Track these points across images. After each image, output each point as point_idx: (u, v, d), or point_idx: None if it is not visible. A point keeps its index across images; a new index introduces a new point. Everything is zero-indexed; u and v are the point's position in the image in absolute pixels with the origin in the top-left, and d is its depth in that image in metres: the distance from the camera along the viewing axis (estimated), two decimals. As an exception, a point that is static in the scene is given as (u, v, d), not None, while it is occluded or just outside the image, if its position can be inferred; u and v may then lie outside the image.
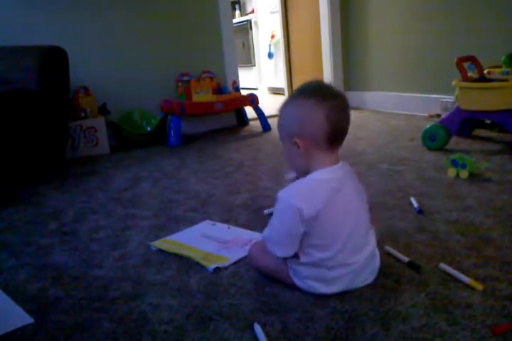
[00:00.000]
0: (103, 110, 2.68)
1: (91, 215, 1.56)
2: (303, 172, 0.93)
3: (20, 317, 0.94)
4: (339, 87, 3.66)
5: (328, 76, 3.72)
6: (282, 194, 0.90)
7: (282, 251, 0.92)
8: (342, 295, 0.92)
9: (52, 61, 2.06)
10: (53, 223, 1.51)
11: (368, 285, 0.95)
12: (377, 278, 0.98)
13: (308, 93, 0.90)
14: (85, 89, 2.59)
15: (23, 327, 0.91)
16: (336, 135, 0.88)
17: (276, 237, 0.92)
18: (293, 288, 0.96)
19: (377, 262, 0.98)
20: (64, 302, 1.00)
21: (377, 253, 0.99)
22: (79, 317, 0.93)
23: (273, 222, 0.93)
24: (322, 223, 0.87)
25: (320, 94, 0.88)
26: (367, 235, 0.95)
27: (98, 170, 2.22)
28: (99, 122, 2.59)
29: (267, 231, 0.95)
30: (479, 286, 0.91)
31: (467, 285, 0.92)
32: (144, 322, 0.89)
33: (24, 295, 1.04)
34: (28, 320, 0.93)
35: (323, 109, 0.86)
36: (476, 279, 0.93)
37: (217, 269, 1.08)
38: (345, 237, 0.89)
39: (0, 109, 1.86)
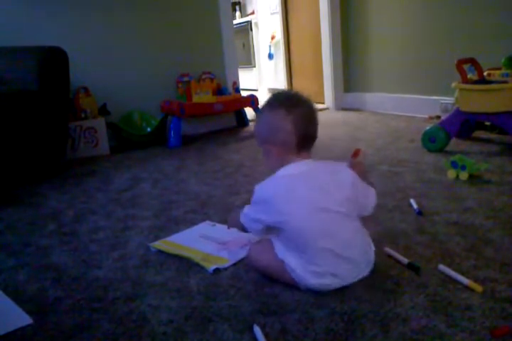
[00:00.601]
0: (103, 111, 2.68)
1: (91, 216, 1.56)
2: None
3: (19, 318, 0.94)
4: (339, 88, 3.68)
5: (328, 77, 3.72)
6: (257, 187, 0.99)
7: (251, 229, 1.01)
8: (341, 296, 0.93)
9: (53, 61, 2.06)
10: (53, 223, 1.51)
11: (368, 286, 0.95)
12: (376, 280, 0.98)
13: (277, 103, 0.98)
14: (85, 89, 2.59)
15: (23, 328, 0.91)
16: (304, 140, 0.97)
17: (249, 218, 1.00)
18: (292, 288, 0.97)
19: (371, 254, 0.98)
20: (63, 302, 1.00)
21: (371, 245, 0.99)
22: (78, 318, 0.93)
23: (250, 205, 1.01)
24: (278, 212, 0.94)
25: (287, 104, 0.96)
26: (339, 227, 0.94)
27: (98, 171, 2.22)
28: (99, 123, 2.59)
29: (245, 210, 1.02)
30: (479, 288, 0.91)
31: (467, 287, 0.92)
32: (144, 323, 0.89)
33: (24, 296, 1.04)
34: (27, 320, 0.93)
35: (290, 118, 0.94)
36: (475, 281, 0.93)
37: (217, 270, 1.08)
38: (303, 226, 0.92)
39: (0, 109, 1.86)
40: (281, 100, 0.98)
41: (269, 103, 1.00)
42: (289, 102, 0.96)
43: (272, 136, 0.97)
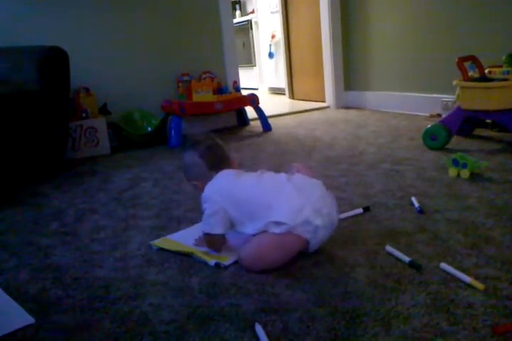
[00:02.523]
0: (103, 110, 2.68)
1: (92, 215, 1.56)
2: None
3: (21, 318, 0.94)
4: (340, 86, 3.69)
5: (328, 75, 3.72)
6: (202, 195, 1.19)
7: (214, 226, 1.13)
8: (343, 295, 0.93)
9: (53, 61, 2.06)
10: (54, 223, 1.51)
11: (369, 285, 0.95)
12: (378, 278, 0.98)
13: (186, 148, 1.26)
14: (86, 89, 2.59)
15: (24, 328, 0.91)
16: (216, 164, 1.20)
17: (208, 216, 1.15)
18: (294, 287, 0.97)
19: (332, 198, 1.11)
20: (65, 302, 1.00)
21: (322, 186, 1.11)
22: (80, 318, 0.93)
23: (205, 209, 1.18)
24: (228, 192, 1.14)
25: (192, 145, 1.23)
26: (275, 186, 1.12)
27: (99, 171, 2.22)
28: (100, 122, 2.59)
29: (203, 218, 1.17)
30: (480, 286, 0.90)
31: (468, 285, 0.92)
32: (145, 323, 0.89)
33: (25, 296, 1.04)
34: (29, 320, 0.93)
35: (196, 153, 1.20)
36: (477, 279, 0.93)
37: (218, 266, 1.09)
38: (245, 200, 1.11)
39: (1, 110, 1.86)
40: (187, 145, 1.26)
41: (183, 149, 1.28)
42: (194, 143, 1.23)
43: (191, 173, 1.24)
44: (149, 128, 2.86)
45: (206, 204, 1.14)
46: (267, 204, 1.07)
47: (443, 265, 1.00)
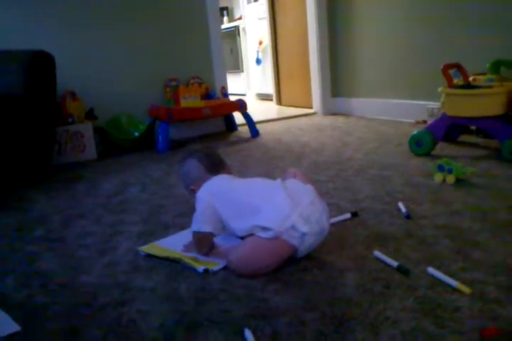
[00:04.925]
0: (90, 115, 2.66)
1: (79, 221, 1.55)
2: None
3: (7, 325, 0.92)
4: (327, 93, 3.71)
5: (315, 82, 3.75)
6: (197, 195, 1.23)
7: (203, 224, 1.15)
8: (331, 300, 0.93)
9: (39, 65, 2.04)
10: (40, 229, 1.49)
11: (357, 289, 0.96)
12: (366, 283, 0.98)
13: (185, 156, 1.33)
14: (72, 94, 2.58)
15: (10, 335, 0.89)
16: (213, 167, 1.27)
17: (199, 214, 1.20)
18: (283, 292, 0.97)
19: (324, 204, 1.12)
20: (51, 309, 0.98)
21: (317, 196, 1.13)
22: (67, 325, 0.92)
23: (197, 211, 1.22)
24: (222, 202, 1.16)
25: (191, 154, 1.32)
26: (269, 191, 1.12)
27: (85, 176, 2.21)
28: (87, 127, 2.58)
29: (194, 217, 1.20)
30: (467, 290, 0.91)
31: (455, 289, 0.93)
32: (133, 329, 0.89)
33: (11, 303, 1.02)
34: (15, 327, 0.91)
35: (194, 158, 1.29)
36: (463, 283, 0.94)
37: (206, 272, 1.08)
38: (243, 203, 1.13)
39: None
40: (187, 154, 1.33)
41: (181, 159, 1.34)
42: (192, 153, 1.32)
43: (189, 178, 1.28)
44: (136, 133, 2.85)
45: (197, 204, 1.18)
46: (255, 206, 1.09)
47: (430, 269, 1.01)
